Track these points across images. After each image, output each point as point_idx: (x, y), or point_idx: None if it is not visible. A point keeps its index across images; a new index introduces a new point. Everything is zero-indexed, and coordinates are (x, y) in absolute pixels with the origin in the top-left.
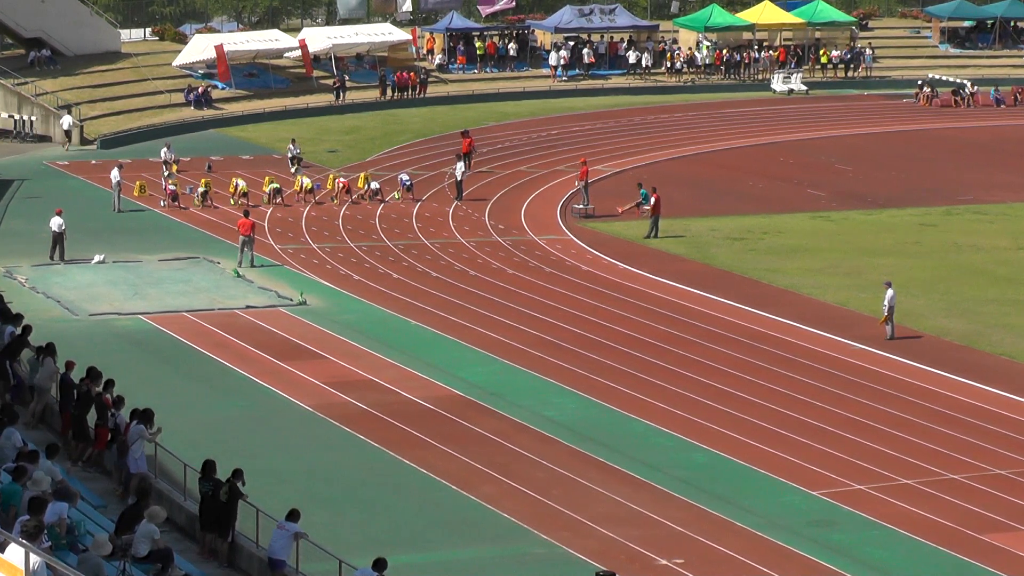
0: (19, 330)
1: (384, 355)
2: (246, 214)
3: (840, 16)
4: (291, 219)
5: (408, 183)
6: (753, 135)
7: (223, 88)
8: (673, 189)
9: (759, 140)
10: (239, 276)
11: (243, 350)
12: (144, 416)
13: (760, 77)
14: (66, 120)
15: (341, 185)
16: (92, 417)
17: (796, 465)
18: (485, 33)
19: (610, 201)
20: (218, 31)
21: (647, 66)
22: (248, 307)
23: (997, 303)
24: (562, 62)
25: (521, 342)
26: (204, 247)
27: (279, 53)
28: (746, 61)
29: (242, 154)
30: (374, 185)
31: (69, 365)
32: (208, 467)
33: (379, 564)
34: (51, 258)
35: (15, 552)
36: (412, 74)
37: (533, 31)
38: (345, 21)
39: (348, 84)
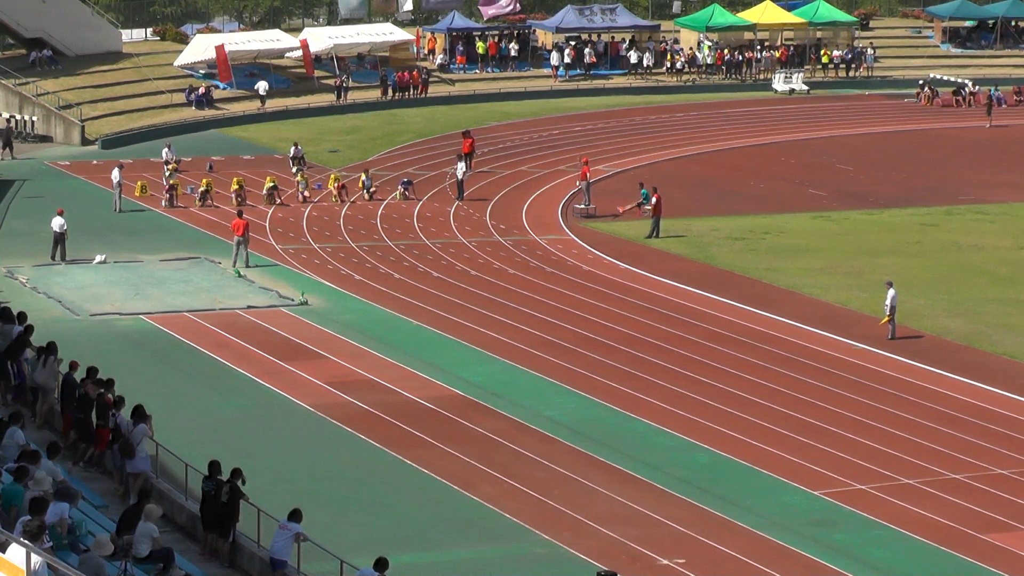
0: (22, 329)
1: (385, 355)
2: (240, 214)
3: (841, 16)
4: (292, 219)
5: (406, 181)
6: (754, 135)
7: (224, 88)
8: (674, 189)
9: (760, 140)
10: (240, 276)
11: (244, 350)
12: (138, 414)
13: (761, 77)
14: (262, 85)
15: (339, 186)
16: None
17: (797, 465)
18: (486, 33)
19: (611, 201)
20: (219, 31)
21: (648, 66)
22: (249, 307)
23: (998, 303)
24: (567, 60)
25: (522, 342)
26: (205, 247)
27: (280, 53)
28: (747, 60)
29: (243, 154)
30: (366, 181)
31: (73, 366)
32: (213, 467)
33: (380, 564)
34: (52, 258)
35: (16, 552)
36: (416, 73)
37: (534, 31)
38: (346, 21)
39: (349, 84)
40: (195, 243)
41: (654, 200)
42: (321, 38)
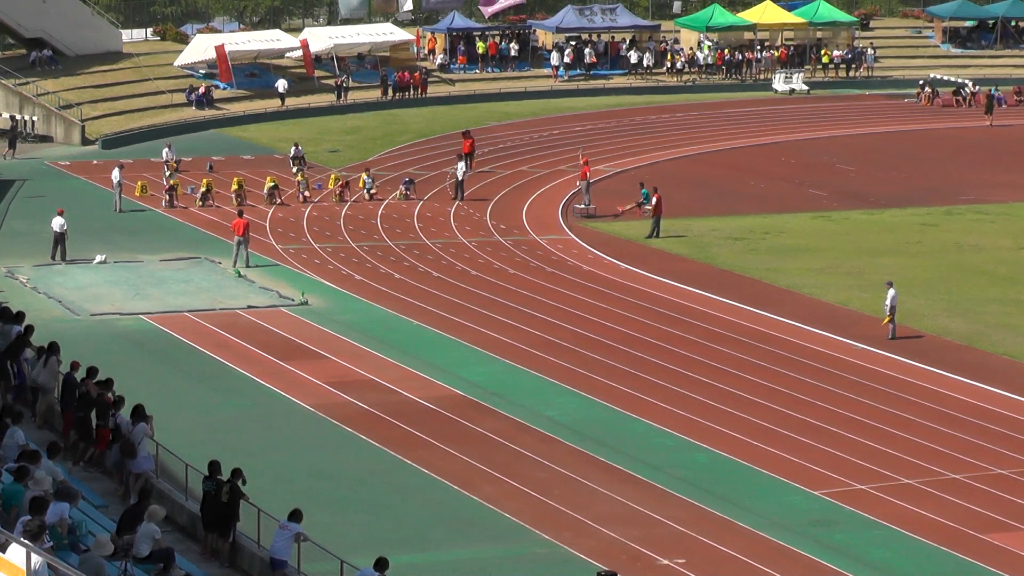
0: (22, 329)
1: (385, 355)
2: (240, 214)
3: (841, 16)
4: (292, 219)
5: (408, 181)
6: (754, 135)
7: (224, 88)
8: (674, 189)
9: (760, 140)
10: (240, 276)
11: (244, 350)
12: (138, 413)
13: (761, 77)
14: (281, 83)
15: (341, 184)
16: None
17: (797, 465)
18: (487, 33)
19: (611, 201)
20: (219, 31)
21: (648, 66)
22: (249, 307)
23: (998, 303)
24: (567, 60)
25: (522, 342)
26: (205, 247)
27: (280, 53)
28: (747, 60)
29: (243, 154)
30: (367, 181)
31: (74, 365)
32: (212, 467)
33: (381, 564)
34: (52, 258)
35: (16, 552)
36: (417, 74)
37: (534, 31)
38: (346, 21)
39: (349, 84)
40: (195, 243)
41: (654, 200)
42: (321, 38)
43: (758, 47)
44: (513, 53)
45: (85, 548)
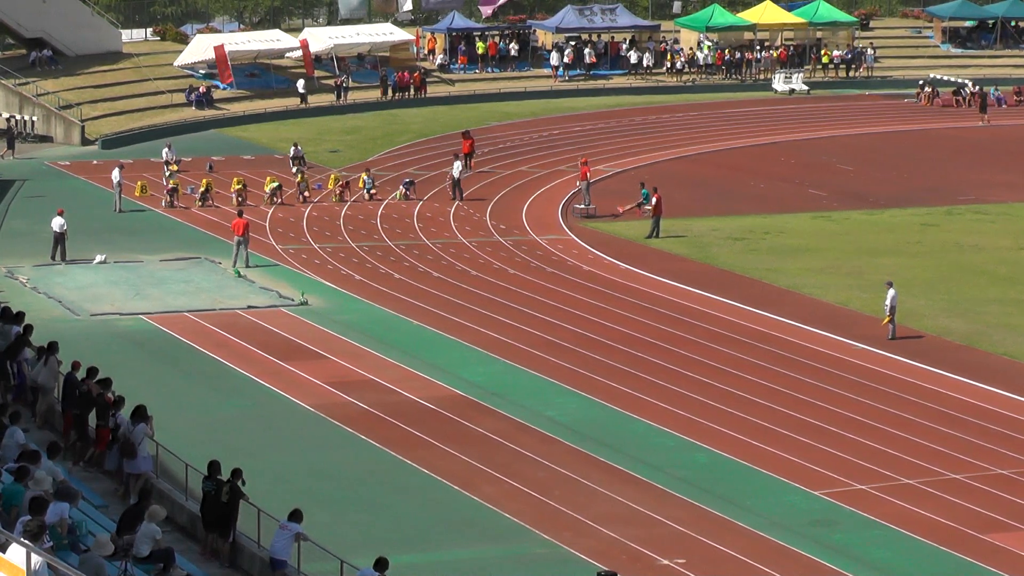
0: (21, 329)
1: (385, 355)
2: (240, 214)
3: (841, 16)
4: (292, 219)
5: (408, 181)
6: (754, 135)
7: (224, 88)
8: (674, 189)
9: (760, 140)
10: (240, 276)
11: (244, 350)
12: (139, 414)
13: (761, 77)
14: (300, 83)
15: (342, 184)
16: (92, 418)
17: (797, 465)
18: (486, 33)
19: (611, 201)
20: (219, 31)
21: (648, 66)
22: (249, 307)
23: (998, 303)
24: (567, 60)
25: (522, 342)
26: (205, 247)
27: (280, 53)
28: (747, 60)
29: (243, 154)
30: (367, 181)
31: (75, 365)
32: (212, 467)
33: (380, 564)
34: (52, 258)
35: (16, 552)
36: (417, 74)
37: (534, 31)
38: (346, 21)
39: (349, 84)
40: (195, 243)
41: (654, 200)
42: (321, 38)
43: (758, 47)
44: (513, 53)
45: (85, 548)
